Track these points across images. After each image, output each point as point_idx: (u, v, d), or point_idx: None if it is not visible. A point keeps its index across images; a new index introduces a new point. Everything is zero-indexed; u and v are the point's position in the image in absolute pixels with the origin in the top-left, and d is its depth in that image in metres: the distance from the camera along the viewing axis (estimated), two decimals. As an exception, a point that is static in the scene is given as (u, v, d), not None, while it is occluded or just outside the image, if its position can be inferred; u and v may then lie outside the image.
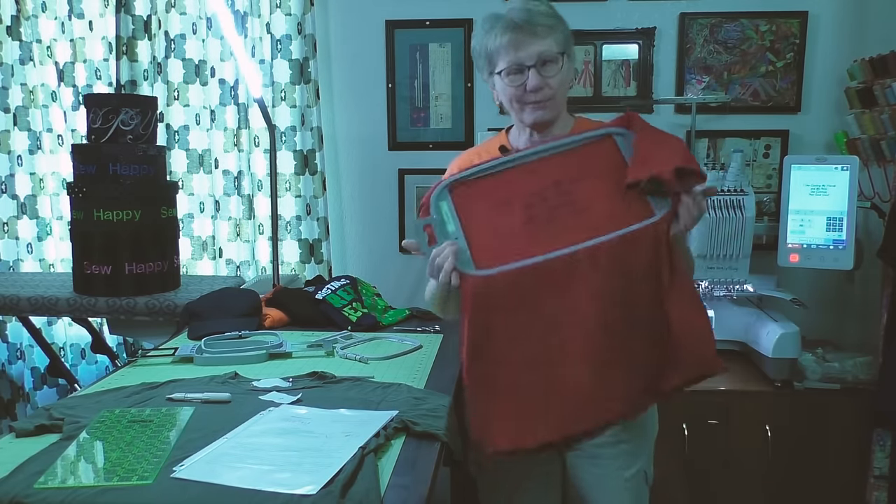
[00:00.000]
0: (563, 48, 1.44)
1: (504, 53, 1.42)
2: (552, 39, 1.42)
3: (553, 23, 1.42)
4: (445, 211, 1.33)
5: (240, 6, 2.60)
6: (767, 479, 2.10)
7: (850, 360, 2.11)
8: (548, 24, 1.41)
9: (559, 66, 1.42)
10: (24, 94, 2.73)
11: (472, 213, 1.32)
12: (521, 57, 1.41)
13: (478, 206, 1.33)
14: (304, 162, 2.64)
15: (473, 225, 1.31)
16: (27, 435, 1.18)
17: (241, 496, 0.96)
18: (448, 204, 1.33)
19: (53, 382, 2.85)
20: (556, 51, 1.42)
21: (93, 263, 2.11)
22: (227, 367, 1.55)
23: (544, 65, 1.41)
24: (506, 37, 1.41)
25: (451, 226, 1.31)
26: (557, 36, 1.43)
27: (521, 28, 1.40)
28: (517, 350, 1.26)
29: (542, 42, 1.41)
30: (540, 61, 1.41)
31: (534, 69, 1.41)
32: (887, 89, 2.16)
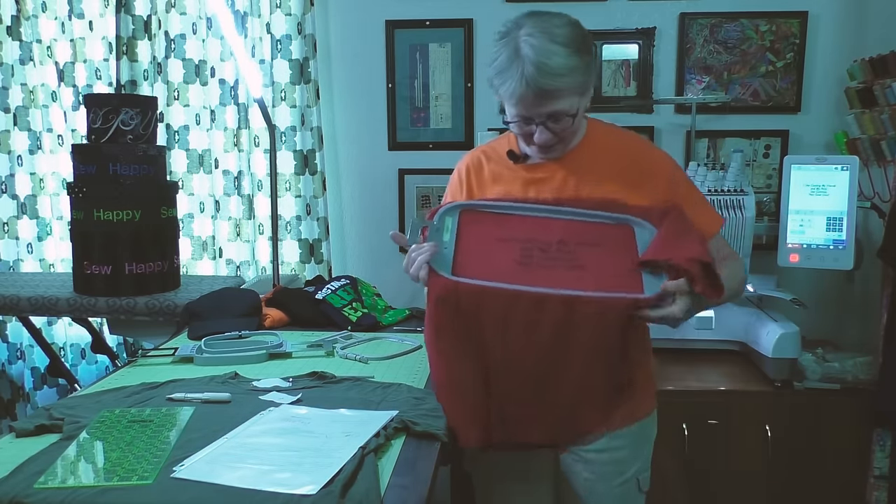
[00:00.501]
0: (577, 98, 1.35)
1: (511, 106, 1.36)
2: (565, 99, 1.32)
3: (567, 82, 1.30)
4: (448, 224, 1.35)
5: (240, 6, 2.60)
6: (767, 479, 2.10)
7: (850, 360, 2.11)
8: (561, 86, 1.30)
9: (571, 120, 1.36)
10: (24, 94, 2.73)
11: (471, 237, 1.35)
12: (530, 114, 1.35)
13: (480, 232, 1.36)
14: (304, 162, 2.64)
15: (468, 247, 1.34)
16: (27, 435, 1.18)
17: (241, 496, 0.96)
18: (454, 221, 1.36)
19: (53, 382, 2.86)
20: (568, 109, 1.34)
21: (93, 263, 2.11)
22: (227, 367, 1.55)
23: (555, 122, 1.35)
24: (518, 93, 1.31)
25: (447, 236, 1.34)
26: (573, 88, 1.32)
27: (532, 89, 1.30)
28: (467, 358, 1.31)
29: (553, 103, 1.32)
30: (551, 119, 1.35)
31: (542, 126, 1.35)
32: (887, 89, 2.16)
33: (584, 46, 1.34)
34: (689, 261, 1.25)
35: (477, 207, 1.38)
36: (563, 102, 1.33)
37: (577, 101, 1.35)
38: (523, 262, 1.32)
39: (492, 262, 1.32)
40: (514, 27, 1.33)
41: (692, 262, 1.25)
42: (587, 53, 1.34)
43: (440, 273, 1.27)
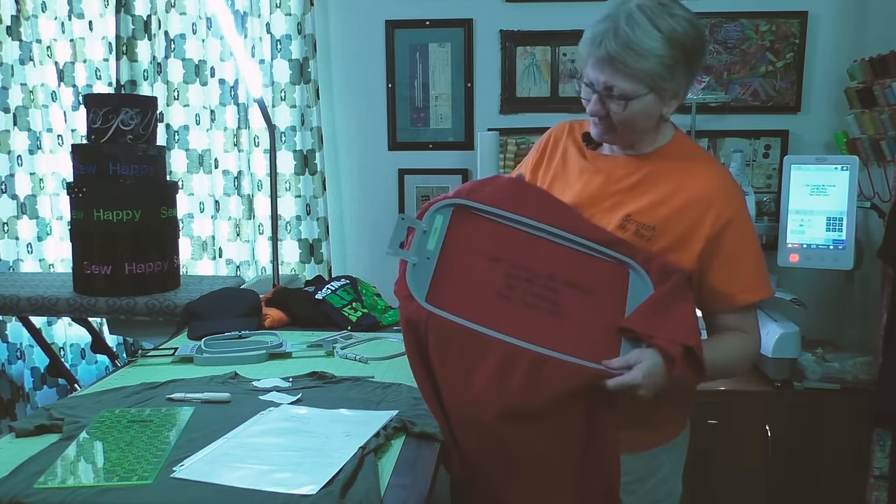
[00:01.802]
0: (644, 89, 1.24)
1: (583, 63, 1.28)
2: (628, 79, 1.23)
3: (640, 64, 1.21)
4: (437, 226, 1.23)
5: (240, 6, 2.60)
6: (767, 479, 2.10)
7: (850, 360, 2.11)
8: (630, 63, 1.21)
9: (624, 105, 1.25)
10: (24, 94, 2.73)
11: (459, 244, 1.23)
12: (591, 78, 1.26)
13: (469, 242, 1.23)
14: (304, 162, 2.64)
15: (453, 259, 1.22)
16: (27, 435, 1.18)
17: (241, 496, 0.96)
18: (444, 221, 1.24)
19: (53, 382, 2.85)
20: (626, 92, 1.24)
21: (93, 263, 2.10)
22: (227, 367, 1.55)
23: (609, 98, 1.26)
24: (587, 46, 1.25)
25: (432, 244, 1.22)
26: (643, 75, 1.22)
27: (599, 47, 1.23)
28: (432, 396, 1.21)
29: (616, 76, 1.23)
30: (605, 91, 1.26)
31: (597, 96, 1.27)
32: (887, 89, 2.16)
33: (684, 47, 1.23)
34: (672, 342, 1.14)
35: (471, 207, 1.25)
36: (625, 82, 1.23)
37: (642, 90, 1.24)
38: (505, 294, 1.20)
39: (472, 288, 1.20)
40: None
41: (675, 344, 1.14)
42: (683, 54, 1.24)
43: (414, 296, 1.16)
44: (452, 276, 1.20)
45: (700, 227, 1.27)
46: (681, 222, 1.28)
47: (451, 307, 1.16)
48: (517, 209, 1.26)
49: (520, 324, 1.17)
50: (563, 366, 1.14)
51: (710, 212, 1.27)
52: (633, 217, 1.30)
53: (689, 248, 1.28)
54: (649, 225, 1.28)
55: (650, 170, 1.33)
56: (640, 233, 1.28)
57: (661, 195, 1.30)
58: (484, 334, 1.14)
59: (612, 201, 1.32)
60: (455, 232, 1.24)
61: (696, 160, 1.34)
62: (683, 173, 1.31)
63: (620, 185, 1.34)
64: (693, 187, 1.29)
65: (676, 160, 1.33)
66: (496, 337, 1.14)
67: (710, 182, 1.30)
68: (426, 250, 1.21)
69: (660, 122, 1.33)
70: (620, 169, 1.35)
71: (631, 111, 1.25)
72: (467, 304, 1.17)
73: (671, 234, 1.28)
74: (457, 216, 1.25)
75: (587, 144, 1.40)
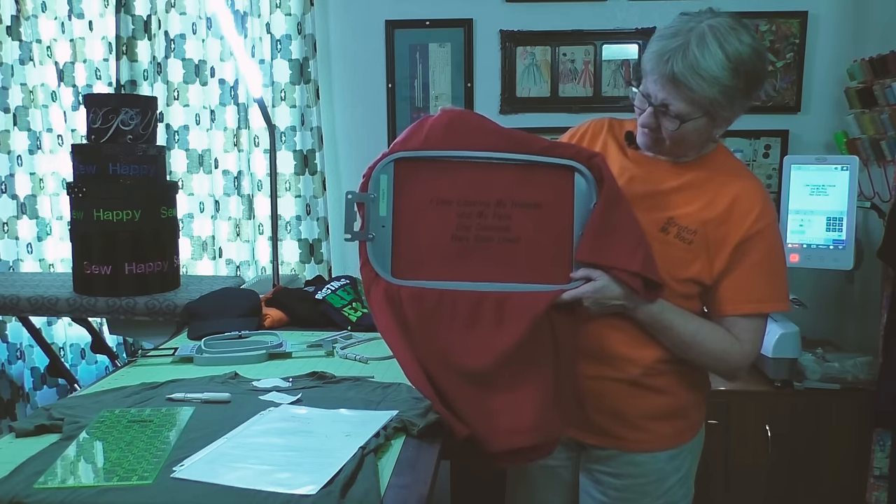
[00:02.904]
0: (699, 112, 1.26)
1: (647, 72, 1.29)
2: (686, 102, 1.24)
3: (702, 89, 1.22)
4: (384, 188, 1.26)
5: (240, 6, 2.60)
6: (767, 479, 2.10)
7: (850, 360, 2.11)
8: (692, 87, 1.22)
9: (678, 124, 1.26)
10: (24, 94, 2.73)
11: (408, 198, 1.26)
12: (649, 91, 1.28)
13: (417, 192, 1.27)
14: (304, 162, 2.64)
15: (405, 216, 1.26)
16: (27, 435, 1.18)
17: (241, 496, 0.96)
18: (389, 179, 1.26)
19: (53, 382, 2.85)
20: (682, 113, 1.25)
21: (93, 263, 2.10)
22: (227, 367, 1.55)
23: (663, 114, 1.28)
24: (655, 64, 1.26)
25: (383, 209, 1.26)
26: (701, 101, 1.24)
27: (665, 65, 1.24)
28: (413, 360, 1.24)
29: (672, 95, 1.25)
30: (661, 108, 1.27)
31: (652, 109, 1.29)
32: (887, 89, 2.16)
33: (747, 74, 1.25)
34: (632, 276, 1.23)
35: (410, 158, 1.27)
36: (679, 102, 1.25)
37: (697, 113, 1.26)
38: (460, 235, 1.25)
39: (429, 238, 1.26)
40: (709, 13, 1.28)
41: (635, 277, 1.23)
42: (745, 82, 1.25)
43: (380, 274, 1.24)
44: (410, 233, 1.26)
45: (733, 234, 1.31)
46: (719, 229, 1.32)
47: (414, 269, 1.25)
48: (453, 145, 1.27)
49: (478, 263, 1.25)
50: (521, 297, 1.23)
51: (746, 220, 1.31)
52: (675, 220, 1.33)
53: (720, 254, 1.32)
54: (691, 229, 1.32)
55: (693, 176, 1.35)
56: (681, 235, 1.32)
57: (703, 202, 1.33)
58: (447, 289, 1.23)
59: (653, 202, 1.34)
60: (402, 187, 1.27)
61: (737, 172, 1.38)
62: (725, 183, 1.34)
63: (663, 186, 1.36)
64: (734, 196, 1.32)
65: (718, 170, 1.36)
66: (458, 288, 1.23)
67: (751, 193, 1.33)
68: (380, 218, 1.26)
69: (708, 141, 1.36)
70: (664, 172, 1.36)
71: (683, 131, 1.28)
72: (427, 259, 1.25)
73: (709, 239, 1.32)
74: (399, 170, 1.27)
75: (629, 144, 1.42)
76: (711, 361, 1.37)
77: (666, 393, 1.38)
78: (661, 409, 1.39)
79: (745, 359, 1.36)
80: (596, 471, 1.45)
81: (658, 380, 1.37)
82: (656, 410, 1.39)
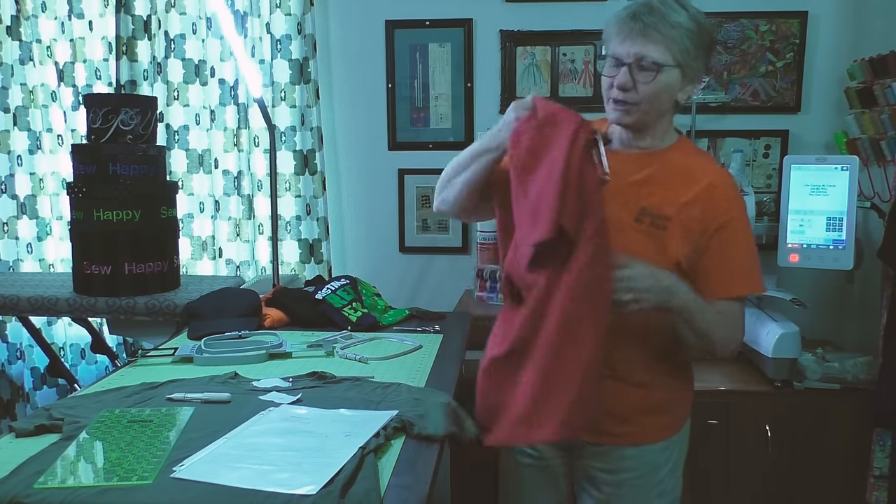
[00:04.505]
0: (671, 59, 1.31)
1: (611, 41, 1.35)
2: (663, 47, 1.30)
3: (670, 32, 1.30)
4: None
5: (240, 6, 2.60)
6: (767, 479, 2.10)
7: (850, 360, 2.11)
8: (662, 31, 1.29)
9: (656, 76, 1.30)
10: (24, 94, 2.73)
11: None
12: (622, 52, 1.32)
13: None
14: (304, 162, 2.64)
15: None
16: (27, 435, 1.18)
17: (241, 496, 0.96)
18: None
19: (53, 382, 2.85)
20: (658, 60, 1.30)
21: (93, 263, 2.10)
22: (227, 367, 1.55)
23: (641, 69, 1.31)
24: (619, 25, 1.33)
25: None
26: (673, 46, 1.30)
27: (635, 21, 1.30)
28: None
29: (647, 45, 1.30)
30: (636, 63, 1.31)
31: (626, 68, 1.31)
32: (887, 89, 2.16)
33: (704, 30, 1.34)
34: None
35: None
36: (654, 50, 1.30)
37: (669, 60, 1.31)
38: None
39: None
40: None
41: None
42: (705, 37, 1.34)
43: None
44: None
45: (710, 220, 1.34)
46: (694, 213, 1.34)
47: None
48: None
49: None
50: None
51: (721, 206, 1.35)
52: (648, 210, 1.36)
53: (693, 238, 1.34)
54: (666, 215, 1.35)
55: (659, 165, 1.39)
56: (656, 223, 1.35)
57: (673, 189, 1.36)
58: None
59: (625, 195, 1.37)
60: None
61: (702, 160, 1.44)
62: (692, 170, 1.38)
63: (631, 178, 1.38)
64: (703, 183, 1.36)
65: (684, 159, 1.41)
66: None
67: (719, 179, 1.38)
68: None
69: (672, 112, 1.40)
70: (630, 164, 1.39)
71: (657, 84, 1.32)
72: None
73: (685, 224, 1.34)
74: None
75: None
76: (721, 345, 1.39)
77: (654, 387, 1.41)
78: (651, 403, 1.42)
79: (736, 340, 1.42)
80: (589, 467, 1.46)
81: (646, 375, 1.40)
82: (646, 405, 1.42)
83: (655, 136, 1.41)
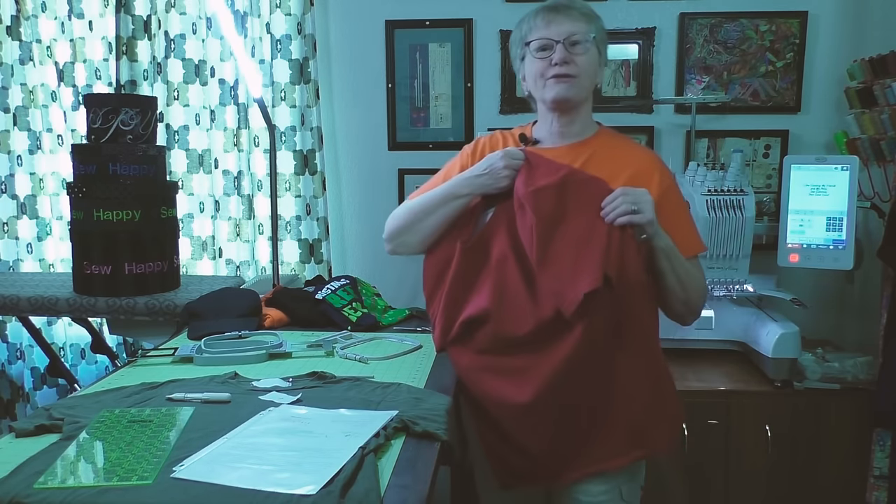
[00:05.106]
0: (594, 37, 1.49)
1: (537, 30, 1.49)
2: (585, 24, 1.48)
3: (586, 12, 1.50)
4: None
5: (240, 6, 2.60)
6: (767, 479, 2.10)
7: (850, 360, 2.11)
8: (584, 12, 1.49)
9: (588, 48, 1.47)
10: (24, 94, 2.73)
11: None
12: (552, 33, 1.47)
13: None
14: (304, 162, 2.64)
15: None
16: (27, 435, 1.18)
17: (241, 496, 0.96)
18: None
19: (53, 382, 2.85)
20: (587, 33, 1.47)
21: (93, 263, 2.10)
22: (227, 367, 1.55)
23: (573, 44, 1.46)
24: (541, 16, 1.49)
25: None
26: (591, 24, 1.49)
27: (557, 9, 1.48)
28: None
29: (574, 23, 1.47)
30: (569, 40, 1.46)
31: (561, 45, 1.46)
32: (887, 89, 2.16)
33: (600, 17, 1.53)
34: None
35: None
36: (580, 26, 1.47)
37: (592, 35, 1.48)
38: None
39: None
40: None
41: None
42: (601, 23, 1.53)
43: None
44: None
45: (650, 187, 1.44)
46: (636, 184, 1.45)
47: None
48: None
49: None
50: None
51: (652, 180, 1.48)
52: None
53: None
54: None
55: (591, 153, 1.51)
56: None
57: (610, 171, 1.46)
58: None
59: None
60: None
61: (627, 143, 1.61)
62: (622, 152, 1.54)
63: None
64: (635, 162, 1.52)
65: (611, 143, 1.56)
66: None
67: (647, 157, 1.56)
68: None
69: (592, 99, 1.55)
70: (565, 157, 1.50)
71: (589, 56, 1.48)
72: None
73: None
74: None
75: (525, 144, 1.55)
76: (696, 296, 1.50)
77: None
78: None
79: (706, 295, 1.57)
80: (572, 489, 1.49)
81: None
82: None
83: (584, 121, 1.54)
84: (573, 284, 1.33)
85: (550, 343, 1.37)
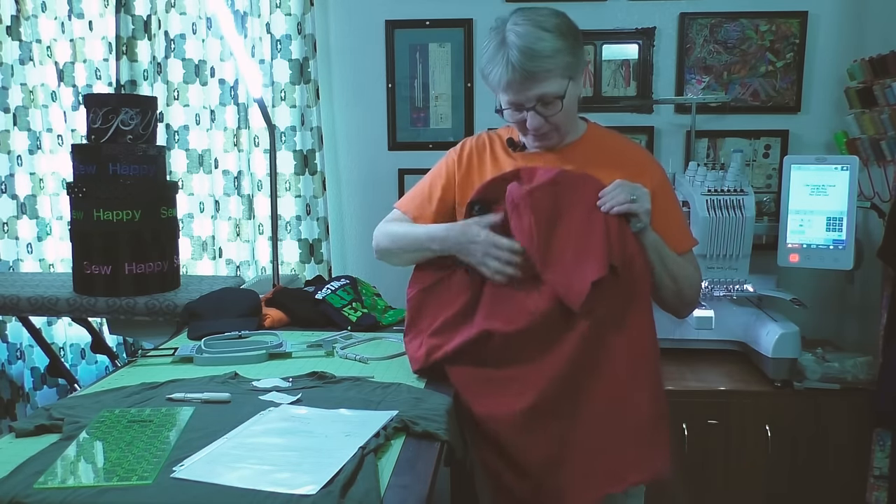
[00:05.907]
0: (565, 81, 1.41)
1: (503, 93, 1.43)
2: (552, 81, 1.39)
3: (553, 63, 1.37)
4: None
5: (240, 6, 2.60)
6: (767, 479, 2.10)
7: (850, 360, 2.11)
8: (547, 67, 1.37)
9: (560, 103, 1.41)
10: (24, 94, 2.73)
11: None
12: (521, 99, 1.41)
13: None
14: (304, 162, 2.64)
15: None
16: (27, 435, 1.18)
17: (241, 496, 0.96)
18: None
19: (53, 382, 2.85)
20: (556, 91, 1.40)
21: (93, 263, 2.10)
22: (227, 367, 1.55)
23: (545, 105, 1.42)
24: (505, 78, 1.39)
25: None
26: (560, 71, 1.39)
27: (516, 72, 1.37)
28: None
29: (541, 86, 1.39)
30: (540, 103, 1.41)
31: (532, 111, 1.41)
32: (887, 89, 2.16)
33: (570, 32, 1.41)
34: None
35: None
36: (550, 85, 1.39)
37: (565, 84, 1.41)
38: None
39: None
40: (502, 21, 1.44)
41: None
42: (573, 38, 1.41)
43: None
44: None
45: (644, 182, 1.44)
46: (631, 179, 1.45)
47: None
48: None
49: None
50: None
51: (645, 175, 1.48)
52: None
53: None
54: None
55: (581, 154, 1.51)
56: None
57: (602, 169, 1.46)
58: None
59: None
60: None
61: (617, 139, 1.59)
62: (613, 150, 1.54)
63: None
64: (627, 159, 1.52)
65: (601, 142, 1.55)
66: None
67: (638, 153, 1.56)
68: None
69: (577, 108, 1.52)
70: (554, 162, 1.49)
71: (567, 101, 1.42)
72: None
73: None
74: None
75: (514, 149, 1.55)
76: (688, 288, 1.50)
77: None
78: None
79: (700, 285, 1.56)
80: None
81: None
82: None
83: (570, 133, 1.53)
84: (580, 276, 1.32)
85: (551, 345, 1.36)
